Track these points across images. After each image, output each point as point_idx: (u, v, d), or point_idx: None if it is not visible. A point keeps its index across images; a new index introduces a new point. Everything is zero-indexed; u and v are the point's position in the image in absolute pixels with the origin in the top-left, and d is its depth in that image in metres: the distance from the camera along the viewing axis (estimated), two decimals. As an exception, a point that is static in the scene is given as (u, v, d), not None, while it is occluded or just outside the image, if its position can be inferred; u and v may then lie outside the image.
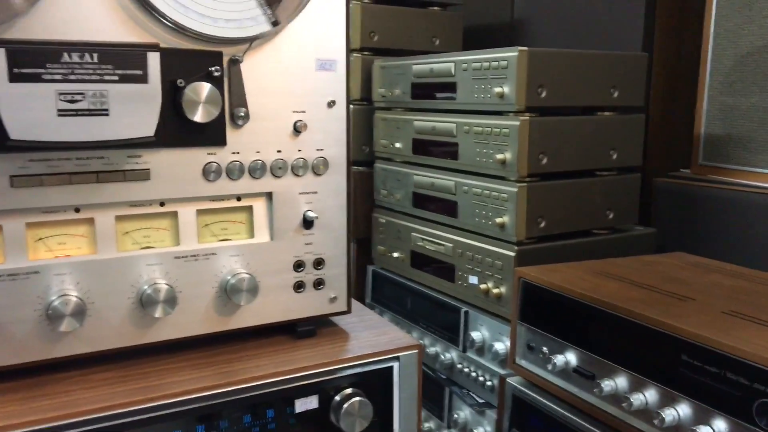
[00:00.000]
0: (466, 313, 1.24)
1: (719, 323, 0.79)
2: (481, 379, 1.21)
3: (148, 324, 0.62)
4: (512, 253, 1.13)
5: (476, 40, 1.83)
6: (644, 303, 0.87)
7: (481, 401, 1.22)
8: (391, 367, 0.67)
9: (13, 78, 0.50)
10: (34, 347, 0.58)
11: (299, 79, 0.66)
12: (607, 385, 0.86)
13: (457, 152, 1.24)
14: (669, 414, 0.78)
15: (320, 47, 0.66)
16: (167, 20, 0.57)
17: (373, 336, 0.71)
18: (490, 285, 1.18)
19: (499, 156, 1.13)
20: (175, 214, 0.63)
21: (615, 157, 1.22)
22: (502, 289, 1.16)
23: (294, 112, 0.66)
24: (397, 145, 1.42)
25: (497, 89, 1.12)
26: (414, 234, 1.38)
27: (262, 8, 0.61)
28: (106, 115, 0.54)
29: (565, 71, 1.13)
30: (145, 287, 0.61)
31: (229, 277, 0.64)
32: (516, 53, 1.09)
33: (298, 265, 0.68)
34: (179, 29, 0.58)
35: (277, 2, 0.62)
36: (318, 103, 0.67)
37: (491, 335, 1.19)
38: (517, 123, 1.10)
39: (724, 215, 1.29)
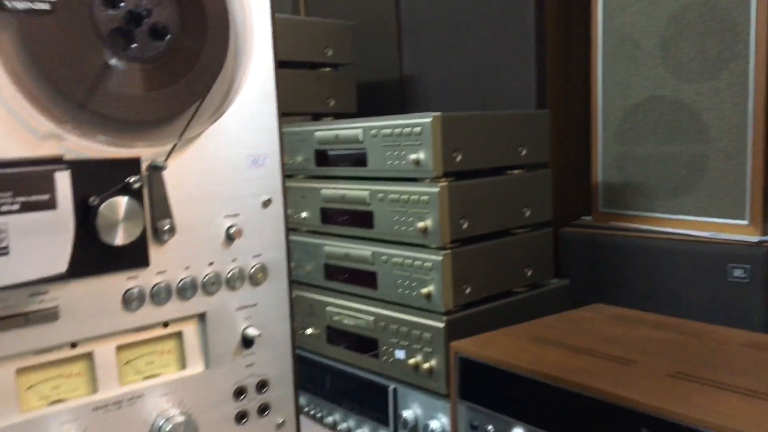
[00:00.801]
0: (395, 390, 1.17)
1: (672, 389, 0.78)
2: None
3: (65, 496, 0.50)
4: (441, 324, 1.08)
5: (368, 99, 1.80)
6: (592, 373, 0.85)
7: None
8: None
9: None
10: None
11: (230, 180, 0.58)
12: (565, 464, 0.83)
13: (372, 221, 1.19)
14: (636, 492, 0.75)
15: (251, 142, 0.59)
16: (70, 124, 0.48)
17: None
18: (419, 359, 1.12)
19: (420, 224, 1.09)
20: (89, 356, 0.52)
21: (528, 214, 1.22)
22: (433, 363, 1.10)
23: (226, 217, 0.58)
24: (304, 214, 1.35)
25: (413, 156, 1.09)
26: (329, 308, 1.30)
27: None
28: (5, 254, 0.44)
29: (477, 134, 1.12)
30: (59, 453, 0.49)
31: (161, 423, 0.54)
32: (430, 119, 1.06)
33: (240, 393, 0.59)
34: (85, 134, 0.49)
35: (197, 102, 0.54)
36: (252, 204, 0.59)
37: (425, 413, 1.13)
38: (437, 189, 1.06)
39: (629, 262, 1.33)
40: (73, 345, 0.51)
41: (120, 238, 0.50)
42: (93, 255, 0.50)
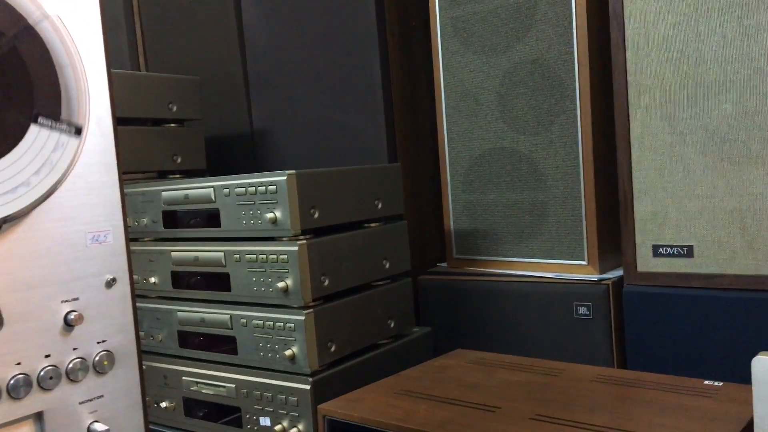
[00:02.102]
0: (262, 459, 1.12)
1: (536, 434, 0.80)
2: None
3: None
4: (307, 386, 1.05)
5: (218, 154, 1.75)
6: (460, 424, 0.85)
7: None
8: None
9: None
10: None
11: (67, 261, 0.52)
12: None
13: (229, 283, 1.14)
14: None
15: (91, 217, 0.54)
16: None
17: None
18: (285, 425, 1.08)
19: (281, 284, 1.06)
20: None
21: (387, 266, 1.23)
22: (300, 427, 1.06)
23: (64, 302, 0.52)
24: (153, 279, 1.26)
25: (269, 214, 1.06)
26: (185, 378, 1.22)
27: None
28: None
29: (332, 189, 1.12)
30: None
31: None
32: (285, 177, 1.04)
33: (88, 497, 0.53)
34: None
35: (22, 180, 0.48)
36: (94, 285, 0.54)
37: (295, 480, 1.08)
38: (296, 248, 1.04)
39: (484, 305, 1.38)
40: None
41: (-68, 340, 0.43)
42: None
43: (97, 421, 0.53)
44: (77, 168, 0.52)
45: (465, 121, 1.42)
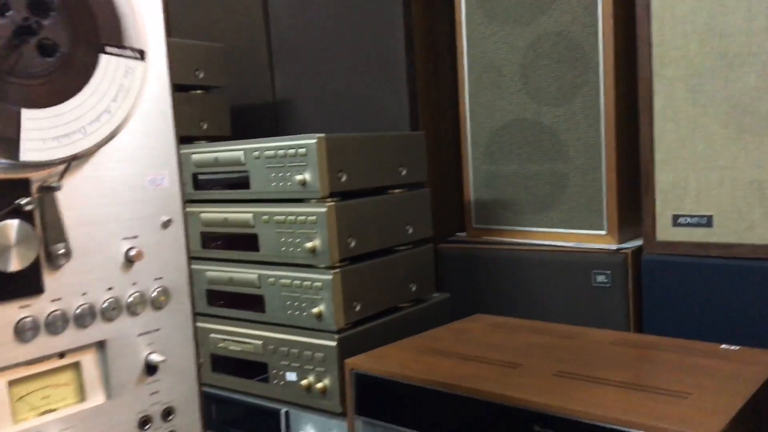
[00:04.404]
0: (287, 413, 1.16)
1: (556, 387, 0.84)
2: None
3: None
4: (333, 343, 1.09)
5: (242, 122, 1.78)
6: (483, 378, 0.89)
7: (316, 507, 1.13)
8: None
9: None
10: None
11: (127, 201, 0.55)
12: (463, 468, 0.86)
13: (258, 243, 1.17)
14: (531, 487, 0.79)
15: (149, 161, 0.57)
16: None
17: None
18: (311, 379, 1.12)
19: (309, 244, 1.09)
20: (-23, 394, 0.47)
21: (410, 231, 1.26)
22: (326, 382, 1.10)
23: (124, 239, 0.55)
24: (182, 240, 1.30)
25: (298, 177, 1.09)
26: (212, 335, 1.26)
27: (68, 127, 0.50)
28: None
29: (360, 155, 1.15)
30: (-55, 506, 0.44)
31: (61, 461, 0.50)
32: (315, 140, 1.07)
33: (145, 422, 0.56)
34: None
35: (91, 120, 0.51)
36: (151, 225, 0.57)
37: (319, 433, 1.12)
38: (325, 209, 1.07)
39: (502, 273, 1.41)
40: (-42, 384, 0.46)
41: (13, 264, 0.46)
42: (-18, 283, 0.46)
43: (154, 353, 0.57)
44: (137, 114, 0.55)
45: (487, 92, 1.44)
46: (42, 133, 0.49)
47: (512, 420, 0.81)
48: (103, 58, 0.52)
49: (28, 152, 0.48)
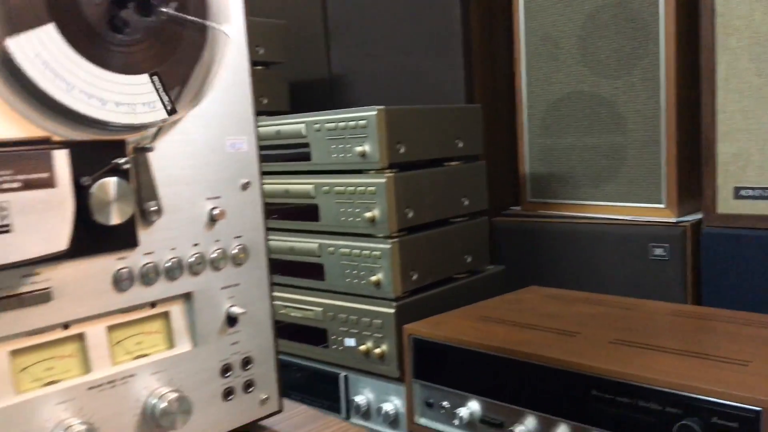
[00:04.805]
0: (346, 377, 1.20)
1: (614, 354, 0.85)
2: (372, 447, 1.17)
3: (61, 478, 0.50)
4: (391, 310, 1.12)
5: (300, 97, 1.82)
6: (539, 344, 0.91)
7: (374, 467, 1.18)
8: (348, 465, 0.61)
9: None
10: None
11: (211, 163, 0.59)
12: (520, 430, 0.88)
13: (318, 213, 1.21)
14: (587, 448, 0.81)
15: (229, 126, 0.60)
16: (56, 104, 0.48)
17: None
18: (369, 345, 1.15)
19: (368, 214, 1.12)
20: (81, 337, 0.52)
21: (466, 203, 1.28)
22: (384, 348, 1.14)
23: (208, 199, 0.59)
24: (245, 210, 1.35)
25: (358, 148, 1.12)
26: (274, 303, 1.30)
27: (158, 93, 0.54)
28: (8, 231, 0.43)
29: (417, 127, 1.17)
30: (58, 434, 0.49)
31: (154, 401, 0.54)
32: (375, 112, 1.10)
33: (226, 370, 0.60)
34: (69, 115, 0.49)
35: (178, 87, 0.55)
36: (232, 187, 0.61)
37: (377, 397, 1.16)
38: (384, 180, 1.10)
39: (557, 246, 1.41)
40: (65, 326, 0.51)
41: (114, 218, 0.50)
42: (85, 235, 0.50)
43: (234, 305, 0.61)
44: (219, 82, 0.59)
45: (544, 65, 1.44)
46: (136, 98, 0.52)
47: (569, 385, 0.83)
48: (191, 29, 0.55)
49: (123, 116, 0.51)
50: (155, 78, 0.53)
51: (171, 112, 0.55)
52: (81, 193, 0.49)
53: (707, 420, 0.71)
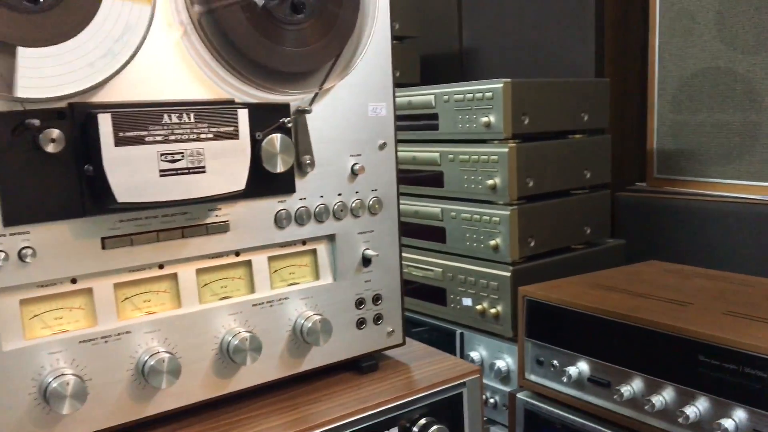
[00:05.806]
0: (462, 334, 1.29)
1: (726, 323, 0.87)
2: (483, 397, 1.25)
3: (230, 374, 0.63)
4: (508, 274, 1.19)
5: (430, 70, 1.90)
6: (651, 311, 0.94)
7: (484, 419, 1.26)
8: (461, 393, 0.70)
9: (119, 142, 0.51)
10: (127, 408, 0.57)
11: (354, 125, 0.69)
12: (626, 390, 0.93)
13: (443, 180, 1.30)
14: (691, 411, 0.84)
15: (371, 94, 0.70)
16: (243, 76, 0.59)
17: (431, 364, 0.74)
18: (485, 305, 1.23)
19: (490, 182, 1.19)
20: (249, 263, 0.64)
21: (588, 176, 1.31)
22: (499, 308, 1.21)
23: (351, 156, 0.69)
24: (375, 175, 1.46)
25: (484, 119, 1.19)
26: (399, 261, 1.41)
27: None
28: (203, 172, 0.55)
29: (542, 99, 1.21)
30: (229, 338, 0.61)
31: (302, 321, 0.66)
32: (501, 84, 1.16)
33: (359, 303, 0.71)
34: (253, 82, 0.60)
35: (333, 59, 0.65)
36: (371, 147, 0.70)
37: (490, 354, 1.24)
38: (506, 150, 1.16)
39: (682, 223, 1.41)
40: (237, 254, 0.63)
41: (279, 167, 0.62)
42: (256, 180, 0.61)
43: (369, 249, 0.71)
44: (365, 54, 0.68)
45: (678, 39, 1.42)
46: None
47: (676, 349, 0.87)
48: (346, 9, 0.65)
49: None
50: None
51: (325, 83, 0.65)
52: (254, 146, 0.61)
53: (815, 390, 0.72)
